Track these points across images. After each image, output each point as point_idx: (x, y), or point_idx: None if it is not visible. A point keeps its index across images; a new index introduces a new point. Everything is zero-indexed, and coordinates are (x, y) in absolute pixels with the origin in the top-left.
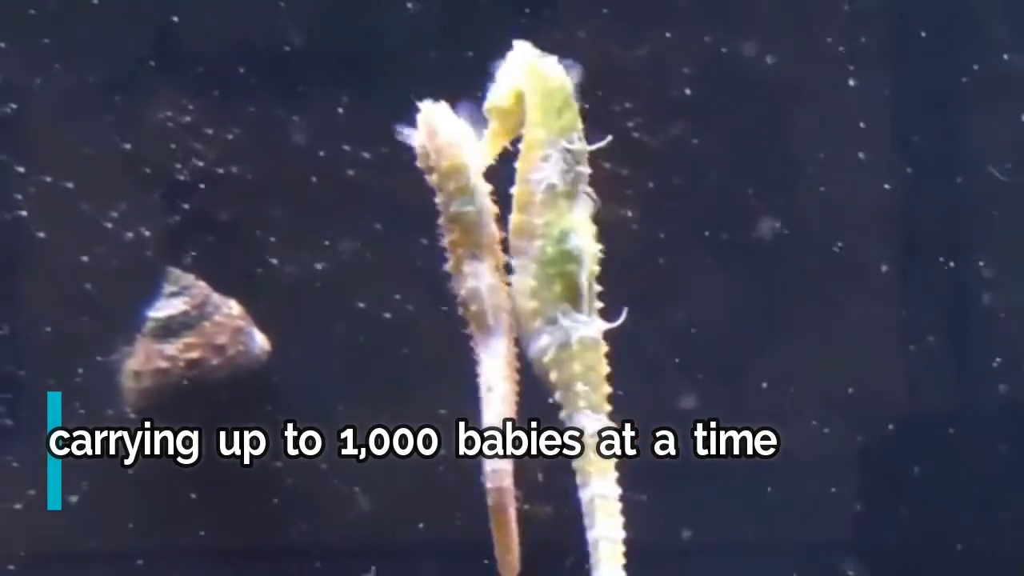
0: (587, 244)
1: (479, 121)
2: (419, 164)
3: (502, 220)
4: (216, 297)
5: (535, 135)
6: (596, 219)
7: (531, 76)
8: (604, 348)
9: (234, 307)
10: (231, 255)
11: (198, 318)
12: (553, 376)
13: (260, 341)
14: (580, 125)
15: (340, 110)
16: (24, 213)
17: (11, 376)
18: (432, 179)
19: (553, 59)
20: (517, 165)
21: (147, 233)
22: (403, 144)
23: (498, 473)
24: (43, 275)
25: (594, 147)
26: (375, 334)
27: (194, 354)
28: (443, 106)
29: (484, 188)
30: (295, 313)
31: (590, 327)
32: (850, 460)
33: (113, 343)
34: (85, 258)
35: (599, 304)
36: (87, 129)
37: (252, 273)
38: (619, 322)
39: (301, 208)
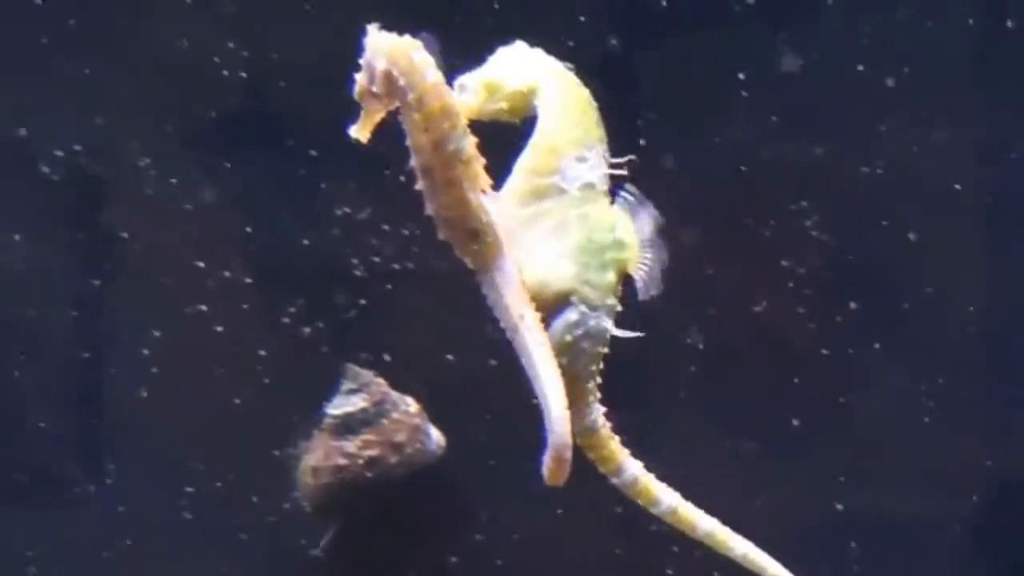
0: (631, 239)
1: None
2: (366, 86)
3: None
4: (394, 395)
5: (568, 136)
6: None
7: (567, 83)
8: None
9: (411, 405)
10: (407, 350)
11: (377, 416)
12: (564, 361)
13: (436, 438)
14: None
15: None
16: (204, 307)
17: (191, 470)
18: (414, 117)
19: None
20: (528, 161)
21: (324, 328)
22: None
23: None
24: (222, 369)
25: (615, 160)
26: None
27: (372, 452)
28: (412, 40)
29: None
30: (470, 409)
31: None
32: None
33: (291, 438)
34: (263, 352)
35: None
36: (267, 225)
37: (428, 368)
38: (631, 335)
39: (475, 303)
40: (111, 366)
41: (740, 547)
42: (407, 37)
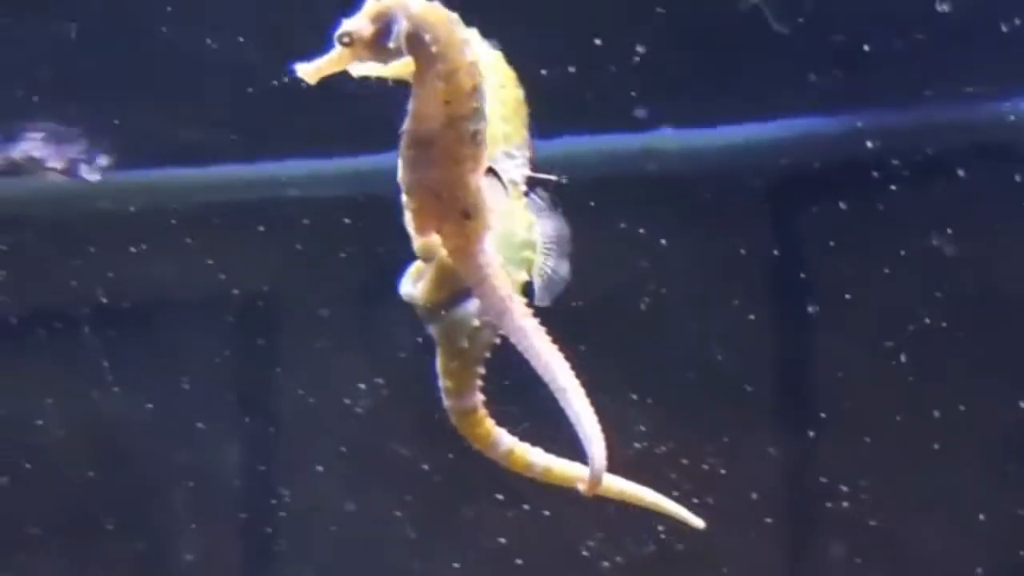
0: (539, 242)
1: None
2: (362, 36)
3: None
4: None
5: (502, 130)
6: None
7: (509, 78)
8: None
9: None
10: None
11: None
12: (464, 343)
13: None
14: None
15: None
16: (503, 540)
17: None
18: (438, 87)
19: None
20: None
21: (622, 562)
22: None
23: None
24: None
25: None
26: None
27: None
28: (449, 11)
29: None
30: None
31: None
32: None
33: None
34: None
35: None
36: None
37: None
38: None
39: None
40: None
41: (617, 486)
42: (440, 5)
